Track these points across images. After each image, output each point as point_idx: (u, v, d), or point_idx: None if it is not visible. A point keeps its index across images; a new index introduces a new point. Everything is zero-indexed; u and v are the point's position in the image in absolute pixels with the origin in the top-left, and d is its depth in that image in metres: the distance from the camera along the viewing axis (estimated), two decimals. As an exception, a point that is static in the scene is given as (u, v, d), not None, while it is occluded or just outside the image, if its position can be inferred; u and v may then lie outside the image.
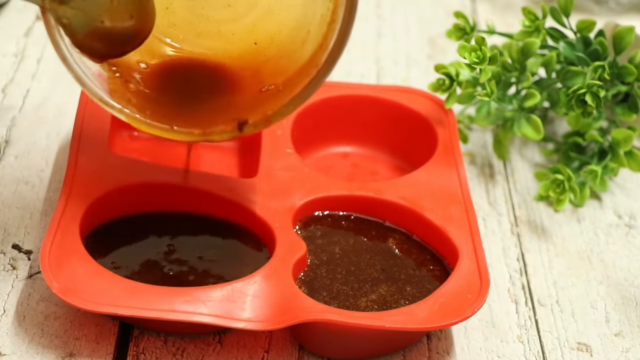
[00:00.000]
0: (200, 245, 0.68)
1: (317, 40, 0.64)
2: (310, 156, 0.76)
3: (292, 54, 0.67)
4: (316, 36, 0.64)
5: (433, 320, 0.62)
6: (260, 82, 0.67)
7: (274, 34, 0.68)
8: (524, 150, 0.83)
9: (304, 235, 0.69)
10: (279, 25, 0.68)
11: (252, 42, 0.68)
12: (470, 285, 0.64)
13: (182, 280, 0.65)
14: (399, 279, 0.67)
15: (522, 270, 0.73)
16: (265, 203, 0.68)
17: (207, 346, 0.64)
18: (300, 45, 0.66)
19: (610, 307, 0.71)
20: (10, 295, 0.66)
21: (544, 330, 0.68)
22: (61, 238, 0.63)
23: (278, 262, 0.65)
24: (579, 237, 0.76)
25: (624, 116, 0.78)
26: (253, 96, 0.67)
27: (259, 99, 0.66)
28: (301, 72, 0.65)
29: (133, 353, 0.63)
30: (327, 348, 0.64)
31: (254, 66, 0.68)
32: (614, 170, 0.78)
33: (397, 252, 0.69)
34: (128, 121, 0.64)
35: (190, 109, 0.67)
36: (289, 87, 0.65)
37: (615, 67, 0.76)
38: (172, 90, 0.68)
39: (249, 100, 0.67)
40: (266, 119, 0.65)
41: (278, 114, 0.64)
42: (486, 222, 0.76)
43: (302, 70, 0.65)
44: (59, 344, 0.63)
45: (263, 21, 0.68)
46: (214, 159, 0.76)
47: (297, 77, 0.65)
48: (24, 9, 0.91)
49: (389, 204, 0.70)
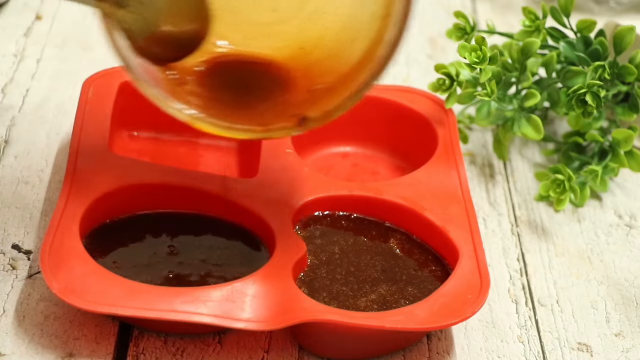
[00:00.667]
0: (200, 246, 0.68)
1: (369, 37, 0.63)
2: (310, 156, 0.76)
3: (341, 53, 0.66)
4: (367, 33, 0.63)
5: (433, 320, 0.62)
6: (311, 81, 0.67)
7: (319, 38, 0.67)
8: (524, 150, 0.83)
9: (303, 235, 0.69)
10: (325, 29, 0.67)
11: (298, 47, 0.68)
12: (471, 285, 0.64)
13: (182, 280, 0.65)
14: (400, 280, 0.67)
15: (522, 270, 0.73)
16: (265, 203, 0.68)
17: (206, 346, 0.64)
18: (349, 44, 0.65)
19: (610, 307, 0.71)
20: (10, 295, 0.66)
21: (544, 331, 0.68)
22: (61, 238, 0.63)
23: (278, 262, 0.65)
24: (579, 237, 0.76)
25: (624, 116, 0.78)
26: (306, 94, 0.66)
27: (313, 96, 0.66)
28: (356, 68, 0.63)
29: (133, 353, 0.63)
30: (327, 348, 0.64)
31: (303, 67, 0.67)
32: (614, 170, 0.78)
33: (398, 252, 0.69)
34: (190, 122, 0.63)
35: (246, 107, 0.66)
36: (344, 83, 0.64)
37: (615, 67, 0.76)
38: (227, 90, 0.68)
39: (304, 98, 0.66)
40: (327, 114, 0.63)
41: (338, 108, 0.63)
42: (486, 222, 0.76)
43: (356, 66, 0.63)
44: (58, 344, 0.63)
45: (309, 25, 0.67)
46: (214, 159, 0.76)
47: (352, 73, 0.63)
48: (23, 9, 0.91)
49: (389, 204, 0.70)
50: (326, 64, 0.67)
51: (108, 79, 0.74)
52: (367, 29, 0.63)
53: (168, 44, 0.63)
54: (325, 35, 0.67)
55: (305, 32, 0.68)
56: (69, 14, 0.91)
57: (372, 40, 0.63)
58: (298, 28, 0.68)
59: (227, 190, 0.69)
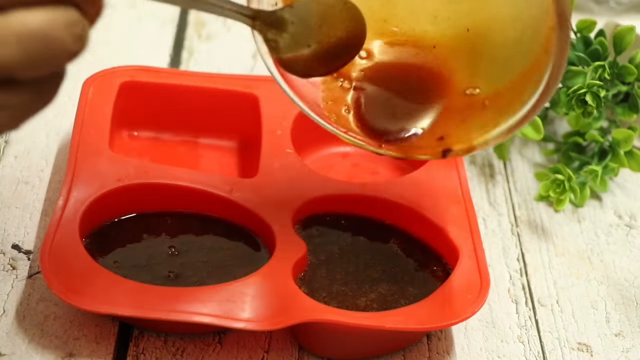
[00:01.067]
0: (200, 245, 0.68)
1: (532, 53, 0.61)
2: (310, 156, 0.76)
3: (502, 56, 0.64)
4: (530, 47, 0.61)
5: (433, 320, 0.62)
6: (466, 81, 0.65)
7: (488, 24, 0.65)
8: (524, 150, 0.83)
9: (303, 235, 0.69)
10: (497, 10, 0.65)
11: (465, 28, 0.65)
12: (471, 285, 0.64)
13: (181, 280, 0.65)
14: (400, 280, 0.67)
15: (522, 270, 0.73)
16: (265, 203, 0.68)
17: (206, 346, 0.64)
18: (512, 51, 0.63)
19: (610, 307, 0.71)
20: (10, 295, 0.65)
21: (544, 331, 0.68)
22: (61, 238, 0.63)
23: (278, 262, 0.65)
24: (579, 237, 0.76)
25: (624, 116, 0.78)
26: (458, 104, 0.64)
27: (463, 113, 0.64)
28: (512, 89, 0.62)
29: (133, 353, 0.63)
30: (327, 348, 0.64)
31: (463, 57, 0.65)
32: (614, 170, 0.78)
33: (398, 252, 0.69)
34: (338, 135, 0.64)
35: (397, 123, 0.65)
36: (496, 105, 0.63)
37: (615, 67, 0.76)
38: (382, 101, 0.66)
39: (454, 112, 0.64)
40: (470, 149, 0.62)
41: (483, 144, 0.62)
42: (486, 222, 0.76)
43: (513, 87, 0.62)
44: (58, 344, 0.63)
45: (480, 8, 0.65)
46: (214, 159, 0.76)
47: (507, 94, 0.62)
48: (24, 9, 0.91)
49: (389, 204, 0.70)
50: (487, 64, 0.65)
51: (108, 79, 0.74)
52: (529, 42, 0.61)
53: (317, 61, 0.61)
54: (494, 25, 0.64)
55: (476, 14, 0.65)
56: (69, 14, 0.91)
57: (532, 62, 0.61)
58: (469, 9, 0.65)
59: (227, 191, 0.69)
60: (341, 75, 0.65)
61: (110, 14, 0.92)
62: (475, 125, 0.63)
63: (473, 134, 0.63)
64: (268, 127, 0.74)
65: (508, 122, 0.61)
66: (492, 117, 0.62)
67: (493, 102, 0.63)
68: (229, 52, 0.89)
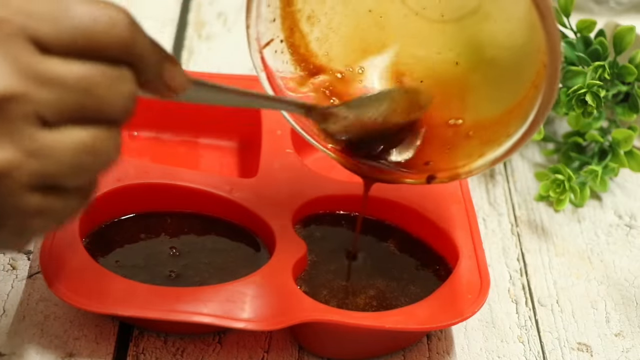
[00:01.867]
0: (201, 246, 0.68)
1: (521, 89, 0.61)
2: (310, 156, 0.76)
3: (490, 91, 0.65)
4: (520, 83, 0.61)
5: (433, 320, 0.62)
6: (451, 112, 0.66)
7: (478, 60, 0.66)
8: (524, 150, 0.83)
9: (303, 234, 0.69)
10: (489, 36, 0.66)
11: (454, 62, 0.66)
12: (471, 285, 0.64)
13: (181, 280, 0.65)
14: (400, 278, 0.67)
15: (522, 270, 0.73)
16: (265, 203, 0.68)
17: (206, 346, 0.64)
18: (500, 87, 0.64)
19: (610, 307, 0.71)
20: (10, 295, 0.66)
21: (544, 331, 0.68)
22: (61, 238, 0.63)
23: (278, 262, 0.65)
24: (579, 237, 0.76)
25: (624, 116, 0.78)
26: (442, 133, 0.65)
27: (448, 142, 0.65)
28: (498, 122, 0.62)
29: (133, 353, 0.63)
30: (327, 348, 0.64)
31: (450, 90, 0.66)
32: (614, 170, 0.78)
33: (398, 251, 0.69)
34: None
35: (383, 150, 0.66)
36: (481, 137, 0.63)
37: (615, 67, 0.76)
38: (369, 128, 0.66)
39: (439, 140, 0.65)
40: (454, 176, 0.63)
41: (468, 172, 0.63)
42: (486, 222, 0.76)
43: (499, 120, 0.62)
44: (58, 344, 0.63)
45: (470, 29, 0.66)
46: (214, 159, 0.76)
47: (493, 127, 0.63)
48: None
49: (389, 204, 0.70)
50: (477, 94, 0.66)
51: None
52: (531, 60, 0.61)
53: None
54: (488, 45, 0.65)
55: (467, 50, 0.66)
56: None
57: (520, 99, 0.61)
58: (459, 29, 0.66)
59: (227, 190, 0.69)
60: (334, 95, 0.66)
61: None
62: (461, 154, 0.64)
63: (458, 162, 0.63)
64: (268, 127, 0.74)
65: (494, 153, 0.62)
66: (477, 147, 0.63)
67: (477, 133, 0.64)
68: (229, 52, 0.89)
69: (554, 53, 0.55)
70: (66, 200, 0.47)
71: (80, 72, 0.45)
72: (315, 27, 0.65)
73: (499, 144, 0.61)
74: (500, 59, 0.65)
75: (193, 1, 0.95)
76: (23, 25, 0.44)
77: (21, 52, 0.44)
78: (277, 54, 0.63)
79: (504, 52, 0.65)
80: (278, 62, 0.63)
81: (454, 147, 0.64)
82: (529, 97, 0.60)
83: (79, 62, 0.45)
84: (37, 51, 0.44)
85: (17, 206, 0.45)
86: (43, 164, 0.45)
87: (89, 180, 0.47)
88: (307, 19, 0.64)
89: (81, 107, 0.45)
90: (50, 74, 0.44)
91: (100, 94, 0.45)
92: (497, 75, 0.65)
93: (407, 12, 0.66)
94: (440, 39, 0.66)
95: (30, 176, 0.45)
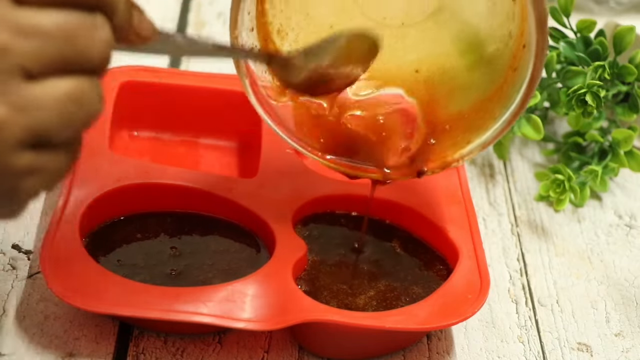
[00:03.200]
0: (201, 246, 0.68)
1: (497, 76, 0.62)
2: (310, 156, 0.76)
3: (461, 84, 0.66)
4: (495, 72, 0.63)
5: (433, 320, 0.62)
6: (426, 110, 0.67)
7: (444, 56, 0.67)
8: (524, 150, 0.83)
9: (304, 234, 0.69)
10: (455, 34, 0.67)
11: (414, 70, 0.67)
12: (471, 285, 0.64)
13: (182, 280, 0.65)
14: (400, 278, 0.67)
15: (522, 270, 0.73)
16: (265, 203, 0.68)
17: (207, 346, 0.64)
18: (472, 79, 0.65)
19: (610, 307, 0.71)
20: (10, 295, 0.65)
21: (544, 331, 0.68)
22: (61, 238, 0.63)
23: (278, 262, 0.65)
24: (579, 237, 0.76)
25: (624, 116, 0.78)
26: (421, 130, 0.66)
27: (430, 136, 0.66)
28: (479, 110, 0.63)
29: (133, 353, 0.63)
30: (327, 348, 0.64)
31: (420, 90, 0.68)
32: (614, 170, 0.78)
33: (398, 251, 0.69)
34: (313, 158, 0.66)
35: (368, 146, 0.67)
36: (460, 126, 0.64)
37: (615, 67, 0.76)
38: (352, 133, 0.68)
39: (421, 136, 0.66)
40: (444, 165, 0.64)
41: (459, 159, 0.64)
42: (486, 222, 0.76)
43: (480, 108, 0.63)
44: (58, 344, 0.63)
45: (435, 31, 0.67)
46: (214, 159, 0.76)
47: (472, 115, 0.63)
48: (24, 9, 0.91)
49: (389, 204, 0.70)
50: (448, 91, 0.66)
51: (108, 78, 0.74)
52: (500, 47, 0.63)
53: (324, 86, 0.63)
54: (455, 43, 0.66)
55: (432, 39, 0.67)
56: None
57: (499, 84, 0.62)
58: (422, 32, 0.66)
59: (227, 190, 0.69)
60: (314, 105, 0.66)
61: (110, 14, 0.92)
62: (445, 145, 0.65)
63: (446, 152, 0.65)
64: (268, 127, 0.74)
65: (482, 138, 0.63)
66: (461, 136, 0.64)
67: (455, 124, 0.65)
68: (229, 52, 0.89)
69: (542, 31, 0.57)
70: (56, 157, 0.47)
71: (59, 20, 0.45)
72: (284, 40, 0.65)
73: (485, 128, 0.62)
74: (469, 53, 0.65)
75: (193, 1, 0.95)
76: None
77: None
78: (256, 62, 0.63)
79: (473, 46, 0.65)
80: (259, 70, 0.63)
81: (437, 140, 0.65)
82: (508, 81, 0.61)
83: (55, 11, 0.45)
84: (14, 3, 0.44)
85: (8, 164, 0.45)
86: (32, 118, 0.44)
87: (76, 133, 0.47)
88: (277, 32, 0.65)
89: (63, 56, 0.45)
90: (31, 25, 0.44)
91: (80, 42, 0.45)
92: (468, 68, 0.65)
93: (368, 24, 0.66)
94: (405, 44, 0.67)
95: (20, 131, 0.44)
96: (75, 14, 0.45)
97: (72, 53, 0.45)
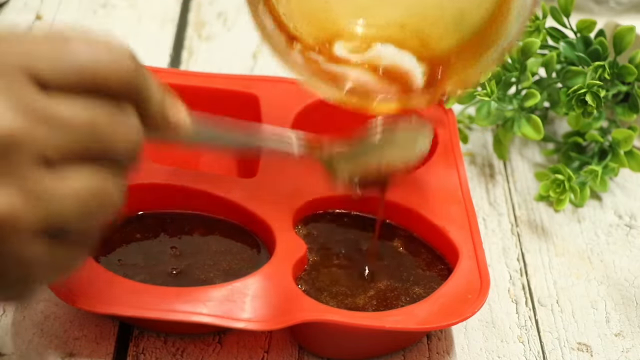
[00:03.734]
0: (200, 246, 0.68)
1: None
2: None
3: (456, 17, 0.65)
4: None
5: (433, 320, 0.62)
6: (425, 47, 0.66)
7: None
8: (524, 150, 0.83)
9: (304, 234, 0.69)
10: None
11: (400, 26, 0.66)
12: (471, 285, 0.64)
13: (181, 280, 0.65)
14: (401, 279, 0.67)
15: (522, 270, 0.73)
16: (265, 203, 0.68)
17: (207, 346, 0.64)
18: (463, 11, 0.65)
19: (610, 307, 0.71)
20: (10, 295, 0.65)
21: (544, 331, 0.68)
22: (61, 238, 0.63)
23: (278, 262, 0.65)
24: (579, 237, 0.76)
25: (624, 116, 0.78)
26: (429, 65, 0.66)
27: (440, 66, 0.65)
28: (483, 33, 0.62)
29: (133, 353, 0.63)
30: (327, 348, 0.64)
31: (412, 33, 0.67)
32: (614, 170, 0.78)
33: (398, 251, 0.69)
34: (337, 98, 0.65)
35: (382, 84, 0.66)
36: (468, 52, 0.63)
37: (615, 67, 0.76)
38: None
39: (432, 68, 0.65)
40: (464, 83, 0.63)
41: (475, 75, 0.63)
42: (486, 222, 0.76)
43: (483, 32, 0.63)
44: (58, 344, 0.63)
45: None
46: (213, 158, 0.76)
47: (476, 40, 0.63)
48: (24, 9, 0.91)
49: (389, 204, 0.70)
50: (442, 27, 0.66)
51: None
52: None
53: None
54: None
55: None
56: (70, 14, 0.91)
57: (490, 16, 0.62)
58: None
59: (227, 190, 0.69)
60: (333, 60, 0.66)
61: (111, 14, 0.92)
62: (454, 69, 0.64)
63: (459, 74, 0.63)
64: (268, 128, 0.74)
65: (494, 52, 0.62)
66: (471, 58, 0.63)
67: (462, 53, 0.64)
68: (229, 52, 0.89)
69: None
70: (69, 248, 0.45)
71: (85, 114, 0.43)
72: (279, 4, 0.65)
73: (494, 43, 0.61)
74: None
75: (193, 1, 0.95)
76: (25, 65, 0.43)
77: (23, 91, 0.43)
78: (265, 14, 0.62)
79: None
80: (267, 20, 0.63)
81: (445, 69, 0.64)
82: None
83: (82, 100, 0.44)
84: (40, 90, 0.43)
85: (21, 254, 0.43)
86: (49, 209, 0.43)
87: (92, 227, 0.46)
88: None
89: (87, 149, 0.44)
90: (54, 115, 0.43)
91: (106, 137, 0.44)
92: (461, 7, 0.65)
93: None
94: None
95: (36, 222, 0.43)
96: (104, 107, 0.44)
97: (97, 146, 0.44)
